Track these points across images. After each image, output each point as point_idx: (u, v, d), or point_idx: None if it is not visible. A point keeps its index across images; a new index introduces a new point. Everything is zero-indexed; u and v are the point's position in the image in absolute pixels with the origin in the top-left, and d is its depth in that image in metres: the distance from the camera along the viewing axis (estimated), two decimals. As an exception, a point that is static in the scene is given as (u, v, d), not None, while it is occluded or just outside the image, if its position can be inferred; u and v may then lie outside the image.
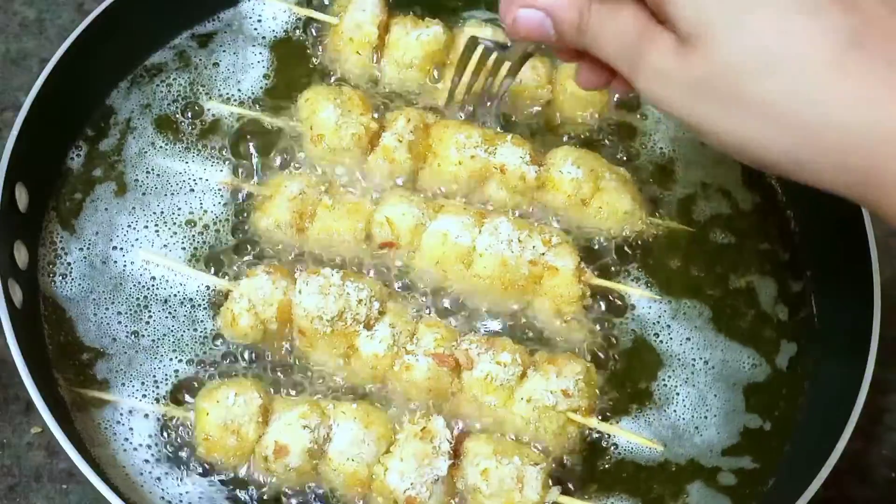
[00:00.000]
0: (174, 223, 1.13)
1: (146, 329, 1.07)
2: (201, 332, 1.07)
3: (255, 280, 1.03)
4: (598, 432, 1.03)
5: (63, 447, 0.91)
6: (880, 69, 0.63)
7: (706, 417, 1.07)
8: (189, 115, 1.20)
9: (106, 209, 1.14)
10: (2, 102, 1.29)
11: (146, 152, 1.18)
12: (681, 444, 1.05)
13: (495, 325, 1.09)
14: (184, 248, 1.11)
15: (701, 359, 1.10)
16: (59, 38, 1.27)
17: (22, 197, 1.07)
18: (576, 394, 0.99)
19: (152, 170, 1.16)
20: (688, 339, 1.11)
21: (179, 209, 1.13)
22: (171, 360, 1.05)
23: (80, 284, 1.09)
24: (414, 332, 1.03)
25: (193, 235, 1.12)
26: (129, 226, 1.13)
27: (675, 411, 1.07)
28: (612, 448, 1.04)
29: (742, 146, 0.69)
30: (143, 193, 1.15)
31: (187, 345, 1.06)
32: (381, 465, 0.95)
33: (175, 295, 1.09)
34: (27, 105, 1.07)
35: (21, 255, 1.06)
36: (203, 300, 1.08)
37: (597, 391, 1.04)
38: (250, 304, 1.01)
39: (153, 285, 1.09)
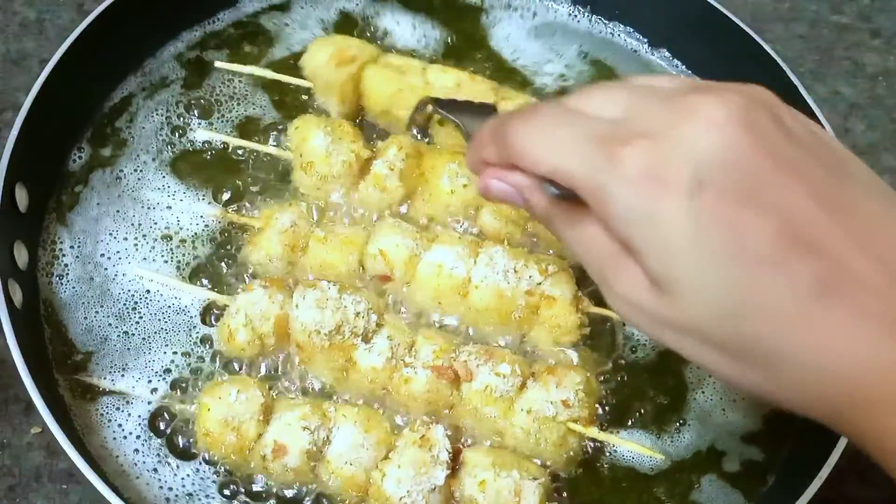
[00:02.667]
0: (166, 233, 1.12)
1: (137, 328, 1.07)
2: (194, 335, 1.07)
3: (252, 295, 1.02)
4: (600, 442, 1.03)
5: (63, 447, 0.90)
6: (845, 320, 0.62)
7: (734, 400, 1.07)
8: (187, 123, 1.20)
9: (105, 210, 1.14)
10: (2, 102, 1.29)
11: (145, 155, 1.18)
12: (704, 426, 1.06)
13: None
14: (178, 262, 1.11)
15: None
16: (59, 38, 1.27)
17: (22, 197, 1.07)
18: (576, 404, 0.99)
19: (149, 174, 1.16)
20: None
21: (177, 220, 1.14)
22: (164, 353, 1.05)
23: (75, 286, 1.09)
24: (412, 345, 1.02)
25: (187, 248, 1.11)
26: (127, 231, 1.12)
27: (702, 392, 1.08)
28: (614, 457, 1.03)
29: (715, 375, 0.71)
30: (142, 198, 1.14)
31: (180, 342, 1.06)
32: (378, 471, 0.95)
33: (170, 307, 1.08)
34: (27, 105, 1.07)
35: (21, 256, 1.06)
36: (195, 309, 1.09)
37: (597, 401, 1.03)
38: (247, 319, 1.01)
39: (146, 295, 1.09)
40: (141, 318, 1.07)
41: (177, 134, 1.20)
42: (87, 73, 1.15)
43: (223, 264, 1.11)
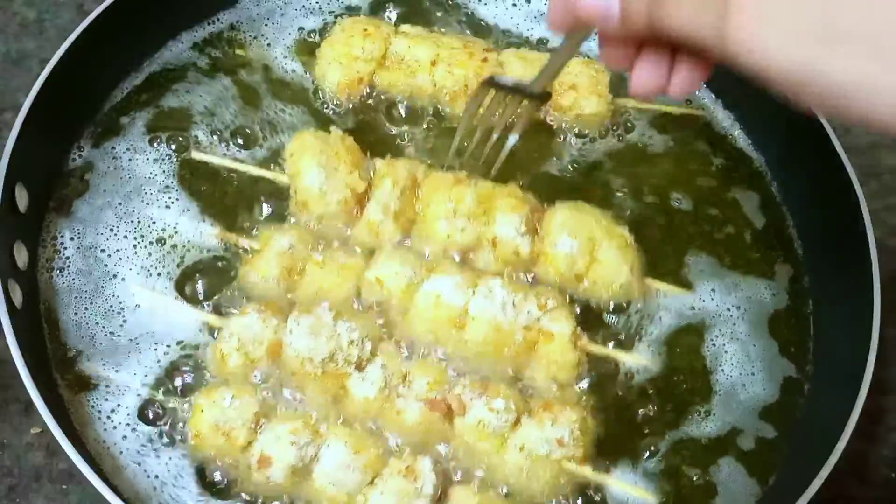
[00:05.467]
0: (161, 238, 1.12)
1: (133, 330, 1.07)
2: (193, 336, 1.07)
3: (246, 318, 1.01)
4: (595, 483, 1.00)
5: (63, 447, 0.91)
6: None
7: (753, 374, 1.08)
8: (187, 122, 1.20)
9: (104, 211, 1.14)
10: (2, 102, 1.29)
11: (145, 154, 1.18)
12: (727, 406, 1.06)
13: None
14: (171, 273, 1.10)
15: (734, 305, 1.12)
16: (59, 38, 1.27)
17: (22, 197, 1.07)
18: (570, 443, 0.97)
19: (148, 174, 1.16)
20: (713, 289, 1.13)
21: (175, 225, 1.13)
22: (162, 353, 1.05)
23: (76, 282, 1.09)
24: (406, 375, 1.00)
25: (181, 258, 1.11)
26: (126, 232, 1.13)
27: (722, 370, 1.08)
28: (608, 494, 1.01)
29: (856, 90, 0.62)
30: (140, 204, 1.14)
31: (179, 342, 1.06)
32: (362, 496, 0.94)
33: (165, 320, 1.08)
34: (27, 105, 1.07)
35: (21, 255, 1.06)
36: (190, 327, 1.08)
37: (592, 440, 1.01)
38: (239, 344, 1.00)
39: (139, 306, 1.09)
40: (127, 322, 1.07)
41: (177, 131, 1.20)
42: (87, 73, 1.15)
43: (220, 285, 1.09)
